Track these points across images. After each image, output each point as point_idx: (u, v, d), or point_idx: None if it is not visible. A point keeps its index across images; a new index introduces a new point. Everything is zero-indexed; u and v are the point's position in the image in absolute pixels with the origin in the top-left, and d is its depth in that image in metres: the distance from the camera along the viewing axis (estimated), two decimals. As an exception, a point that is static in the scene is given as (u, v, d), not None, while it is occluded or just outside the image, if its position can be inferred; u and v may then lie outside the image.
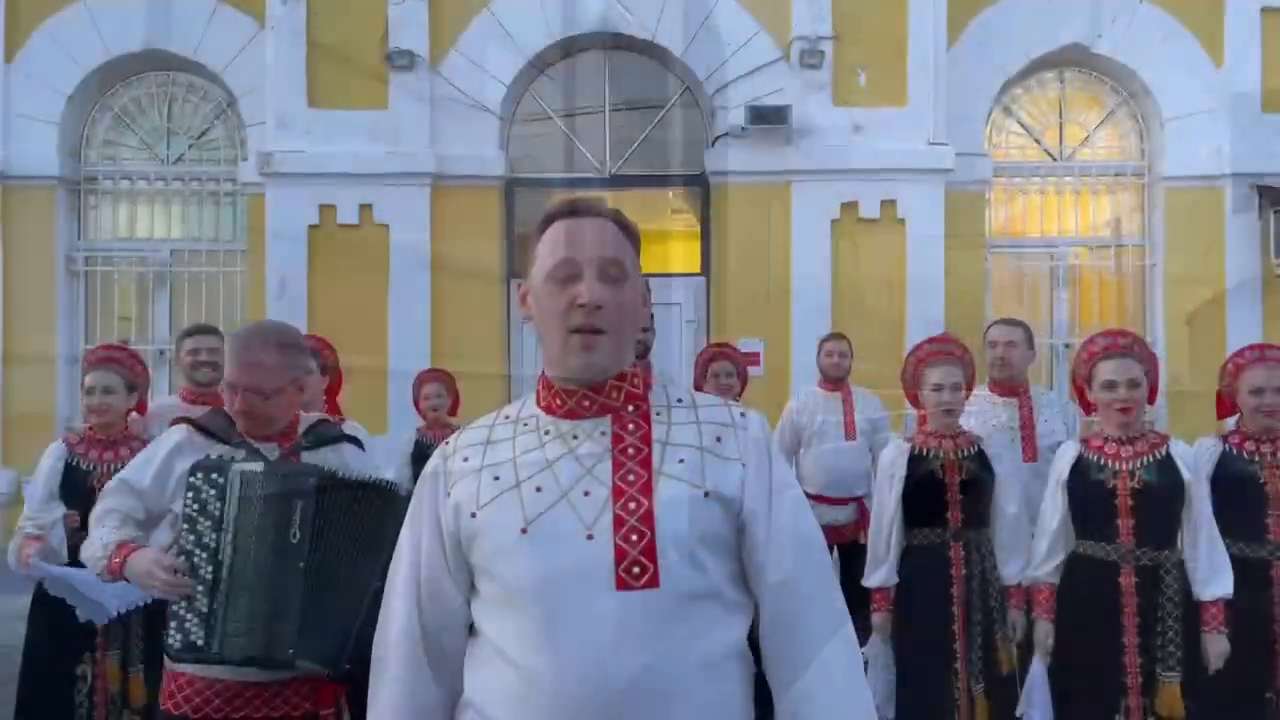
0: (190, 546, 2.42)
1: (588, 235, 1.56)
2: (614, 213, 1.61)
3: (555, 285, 1.54)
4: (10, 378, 7.89)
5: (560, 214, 1.59)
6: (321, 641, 2.40)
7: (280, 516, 2.41)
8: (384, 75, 7.55)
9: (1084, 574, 3.48)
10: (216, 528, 2.44)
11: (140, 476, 2.64)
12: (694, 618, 1.46)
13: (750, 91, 7.58)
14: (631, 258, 1.60)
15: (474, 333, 7.55)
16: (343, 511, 2.48)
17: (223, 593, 2.39)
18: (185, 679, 2.55)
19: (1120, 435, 3.48)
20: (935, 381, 3.82)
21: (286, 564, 2.39)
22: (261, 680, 2.54)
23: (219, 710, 2.54)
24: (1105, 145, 8.49)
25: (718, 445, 1.55)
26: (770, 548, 1.52)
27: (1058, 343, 8.27)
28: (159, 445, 2.69)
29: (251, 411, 2.59)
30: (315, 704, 2.57)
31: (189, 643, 2.38)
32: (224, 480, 2.46)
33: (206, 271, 8.27)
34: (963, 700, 3.68)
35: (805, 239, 7.58)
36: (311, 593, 2.40)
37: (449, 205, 7.60)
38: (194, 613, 2.39)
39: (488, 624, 1.51)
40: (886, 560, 3.79)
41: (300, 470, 2.52)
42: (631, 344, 1.61)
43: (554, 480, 1.51)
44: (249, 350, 2.60)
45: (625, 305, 1.56)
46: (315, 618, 2.40)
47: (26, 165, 7.92)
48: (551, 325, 1.55)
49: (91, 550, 2.58)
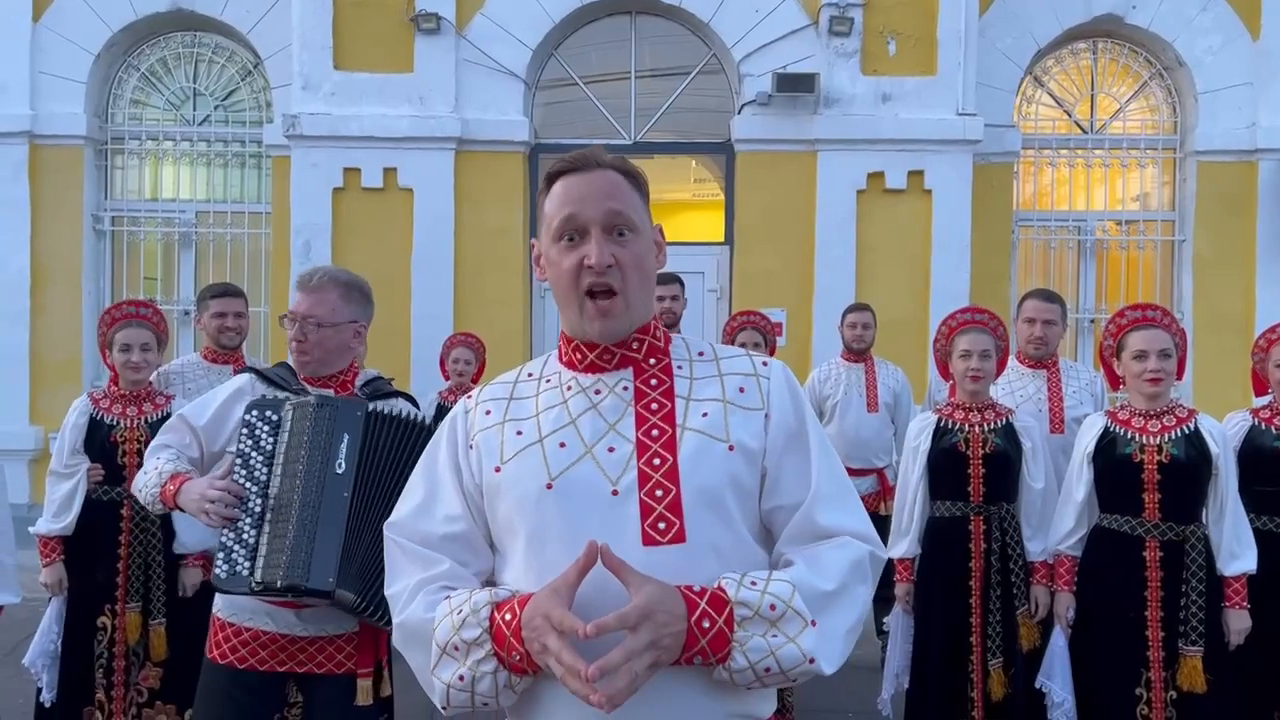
0: (243, 481, 2.47)
1: (592, 190, 1.51)
2: (618, 160, 1.57)
3: (563, 246, 1.52)
4: (37, 336, 7.97)
5: (563, 170, 1.55)
6: (362, 575, 2.39)
7: (328, 447, 2.43)
8: (410, 38, 7.51)
9: (1107, 547, 3.46)
10: (268, 462, 2.48)
11: (199, 415, 2.68)
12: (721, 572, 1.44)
13: (778, 59, 7.51)
14: (639, 207, 1.55)
15: (496, 297, 7.56)
16: (388, 448, 2.50)
17: (268, 521, 2.41)
18: (232, 630, 2.59)
19: (1148, 408, 3.46)
20: (964, 348, 3.78)
21: (331, 494, 2.41)
22: (306, 635, 2.56)
23: (264, 662, 2.57)
24: (1137, 118, 8.37)
25: (740, 396, 1.54)
26: (794, 485, 1.51)
27: (1084, 318, 8.21)
28: (222, 389, 2.74)
29: (306, 343, 2.62)
30: (357, 663, 2.59)
31: (234, 572, 2.40)
32: (277, 416, 2.51)
33: (231, 233, 8.31)
34: (978, 672, 3.68)
35: (830, 209, 7.53)
36: (355, 524, 2.41)
37: (473, 170, 7.59)
38: (241, 544, 2.42)
39: (513, 580, 1.50)
40: (910, 532, 3.80)
41: (349, 403, 2.55)
42: (649, 295, 1.58)
43: (577, 436, 1.50)
44: (314, 282, 2.66)
45: (636, 259, 1.52)
46: (357, 550, 2.40)
47: (54, 125, 7.96)
48: (564, 287, 1.53)
49: (146, 479, 2.61)
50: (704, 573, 1.43)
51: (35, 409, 7.86)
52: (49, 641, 3.77)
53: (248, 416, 2.53)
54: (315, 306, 2.62)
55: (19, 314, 7.93)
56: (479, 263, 7.58)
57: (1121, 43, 8.26)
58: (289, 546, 2.37)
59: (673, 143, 8.11)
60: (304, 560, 2.35)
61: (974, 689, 3.68)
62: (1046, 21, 7.98)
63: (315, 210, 7.50)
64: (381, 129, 7.47)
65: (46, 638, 3.77)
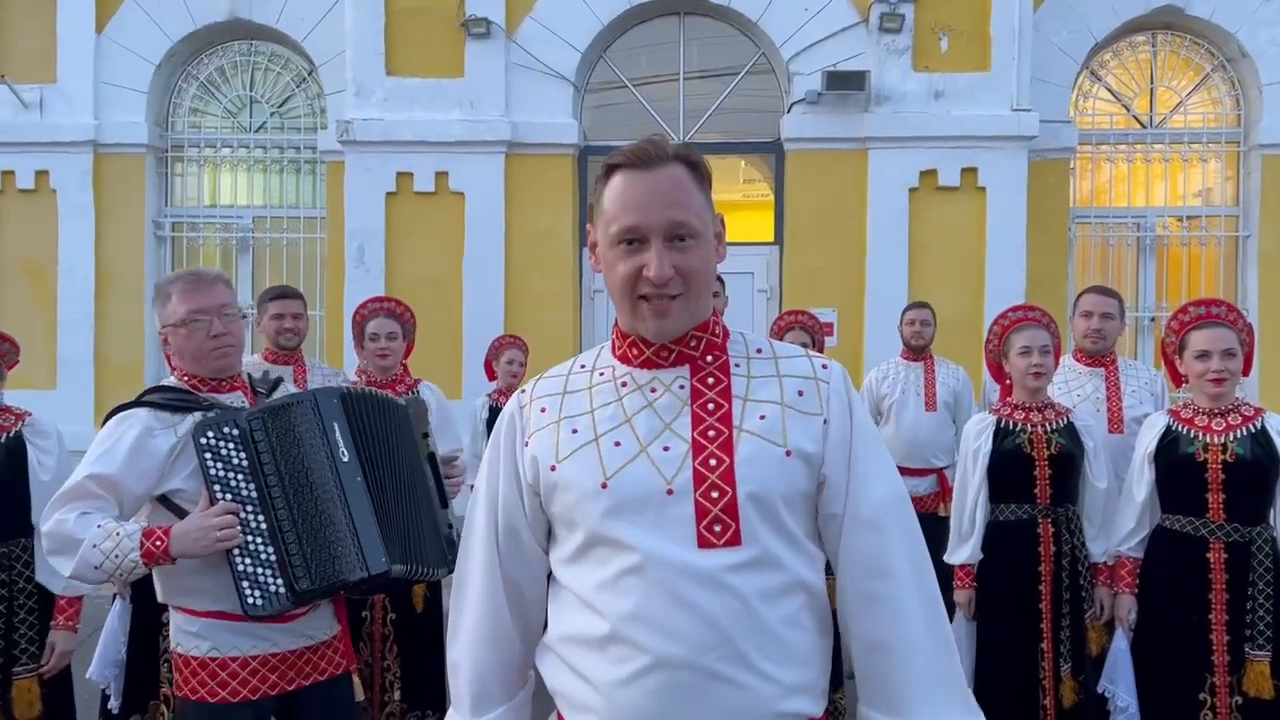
0: (232, 502, 2.36)
1: (654, 198, 1.45)
2: (681, 152, 1.50)
3: (621, 250, 1.48)
4: (102, 339, 8.18)
5: (623, 164, 1.49)
6: (403, 546, 2.42)
7: (325, 440, 2.42)
8: (460, 43, 7.58)
9: (1171, 549, 3.38)
10: (251, 477, 2.39)
11: (108, 466, 2.36)
12: (777, 575, 1.44)
13: (828, 57, 7.46)
14: (702, 206, 1.50)
15: (546, 299, 7.60)
16: (371, 424, 2.51)
17: (291, 533, 2.36)
18: (216, 664, 2.42)
19: (1212, 407, 3.37)
20: (1023, 345, 3.69)
21: (349, 482, 2.39)
22: (296, 647, 2.50)
23: (255, 690, 2.45)
24: (1199, 111, 8.17)
25: (799, 400, 1.51)
26: (851, 501, 1.50)
27: (1143, 316, 8.04)
28: (119, 435, 2.40)
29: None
30: (346, 660, 2.61)
31: (272, 594, 2.34)
32: (236, 430, 2.40)
33: (287, 238, 8.46)
34: (1049, 680, 3.58)
35: (881, 208, 7.45)
36: (380, 502, 2.42)
37: (523, 173, 7.63)
38: (264, 565, 2.35)
39: (569, 575, 1.51)
40: (971, 537, 3.71)
41: (323, 393, 2.51)
42: (708, 295, 1.54)
43: (632, 435, 1.49)
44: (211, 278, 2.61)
45: (697, 266, 1.48)
46: (390, 525, 2.42)
47: (117, 134, 8.16)
48: (620, 289, 1.50)
49: (101, 550, 2.26)
50: (759, 577, 1.42)
51: (100, 411, 8.04)
52: (115, 650, 3.83)
53: (204, 440, 2.35)
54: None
55: (84, 318, 8.15)
56: (529, 265, 7.62)
57: (1182, 35, 8.07)
58: (330, 544, 2.34)
59: (721, 143, 8.09)
60: (355, 551, 2.34)
61: (1045, 696, 3.57)
62: (1103, 14, 7.82)
63: (368, 215, 7.60)
64: (433, 133, 7.54)
65: (112, 648, 3.82)
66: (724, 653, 1.39)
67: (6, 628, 3.03)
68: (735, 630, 1.40)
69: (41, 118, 8.11)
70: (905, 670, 1.46)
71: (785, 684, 1.42)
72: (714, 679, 1.39)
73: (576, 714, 1.48)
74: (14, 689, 3.02)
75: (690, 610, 1.39)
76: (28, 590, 3.08)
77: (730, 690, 1.39)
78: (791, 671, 1.43)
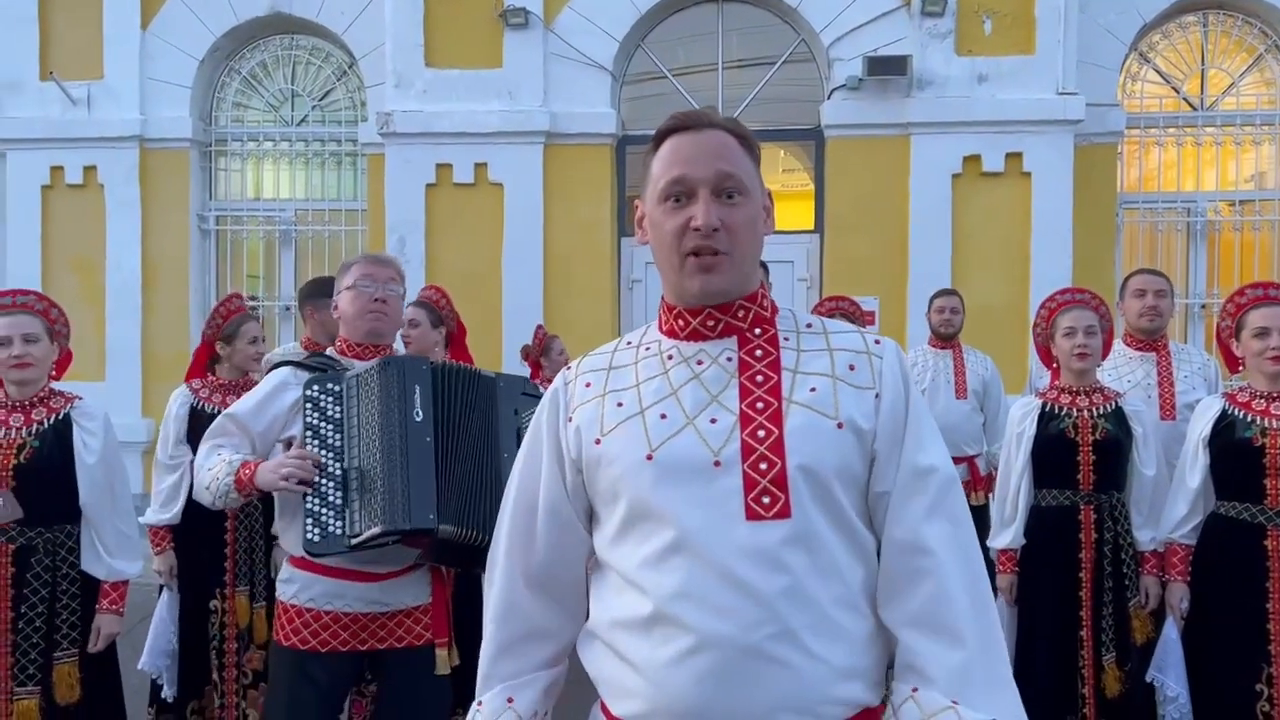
0: (317, 450, 2.57)
1: (702, 150, 1.46)
2: (730, 122, 1.52)
3: (669, 206, 1.47)
4: (148, 332, 8.29)
5: (672, 129, 1.50)
6: (459, 508, 2.49)
7: (403, 399, 2.53)
8: (499, 34, 7.58)
9: (1226, 536, 3.30)
10: (338, 429, 2.59)
11: (245, 412, 2.76)
12: (827, 552, 1.39)
13: (869, 42, 7.36)
14: (750, 171, 1.49)
15: (586, 290, 7.59)
16: (456, 393, 2.62)
17: (355, 480, 2.51)
18: (310, 615, 2.64)
19: (1270, 390, 3.28)
20: (1067, 326, 3.63)
21: (415, 440, 2.50)
22: (386, 610, 2.64)
23: (345, 643, 2.64)
24: (1251, 93, 7.97)
25: (851, 374, 1.47)
26: (902, 481, 1.44)
27: (1194, 303, 7.86)
28: (262, 385, 2.82)
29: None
30: (434, 633, 2.68)
31: (326, 534, 2.49)
32: (339, 387, 2.63)
33: (329, 230, 8.52)
34: (1089, 669, 3.52)
35: (924, 194, 7.35)
36: (442, 463, 2.52)
37: (562, 163, 7.62)
38: (329, 506, 2.51)
39: (614, 554, 1.47)
40: (1014, 522, 3.65)
41: (413, 360, 2.70)
42: (755, 263, 1.52)
43: (678, 406, 1.46)
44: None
45: (745, 223, 1.47)
46: (449, 488, 2.50)
47: (162, 129, 8.27)
48: (667, 249, 1.48)
49: (212, 473, 2.66)
50: (808, 553, 1.38)
51: (147, 402, 8.17)
52: (165, 640, 3.88)
53: (309, 393, 2.63)
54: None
55: (131, 311, 8.26)
56: (568, 256, 7.61)
57: (1234, 14, 7.87)
58: (382, 495, 2.46)
59: (761, 131, 8.01)
60: (403, 504, 2.44)
61: (1084, 685, 3.52)
62: (1152, -6, 7.65)
63: (409, 206, 7.63)
64: (472, 124, 7.55)
65: (163, 637, 3.87)
66: (772, 630, 1.34)
67: (49, 613, 3.06)
68: (785, 607, 1.35)
69: (89, 114, 8.24)
70: (948, 651, 1.40)
71: (836, 666, 1.37)
72: (763, 659, 1.34)
73: (619, 700, 1.44)
74: (55, 673, 3.06)
75: (738, 586, 1.35)
76: (71, 576, 3.11)
77: (780, 672, 1.34)
78: (844, 653, 1.38)
